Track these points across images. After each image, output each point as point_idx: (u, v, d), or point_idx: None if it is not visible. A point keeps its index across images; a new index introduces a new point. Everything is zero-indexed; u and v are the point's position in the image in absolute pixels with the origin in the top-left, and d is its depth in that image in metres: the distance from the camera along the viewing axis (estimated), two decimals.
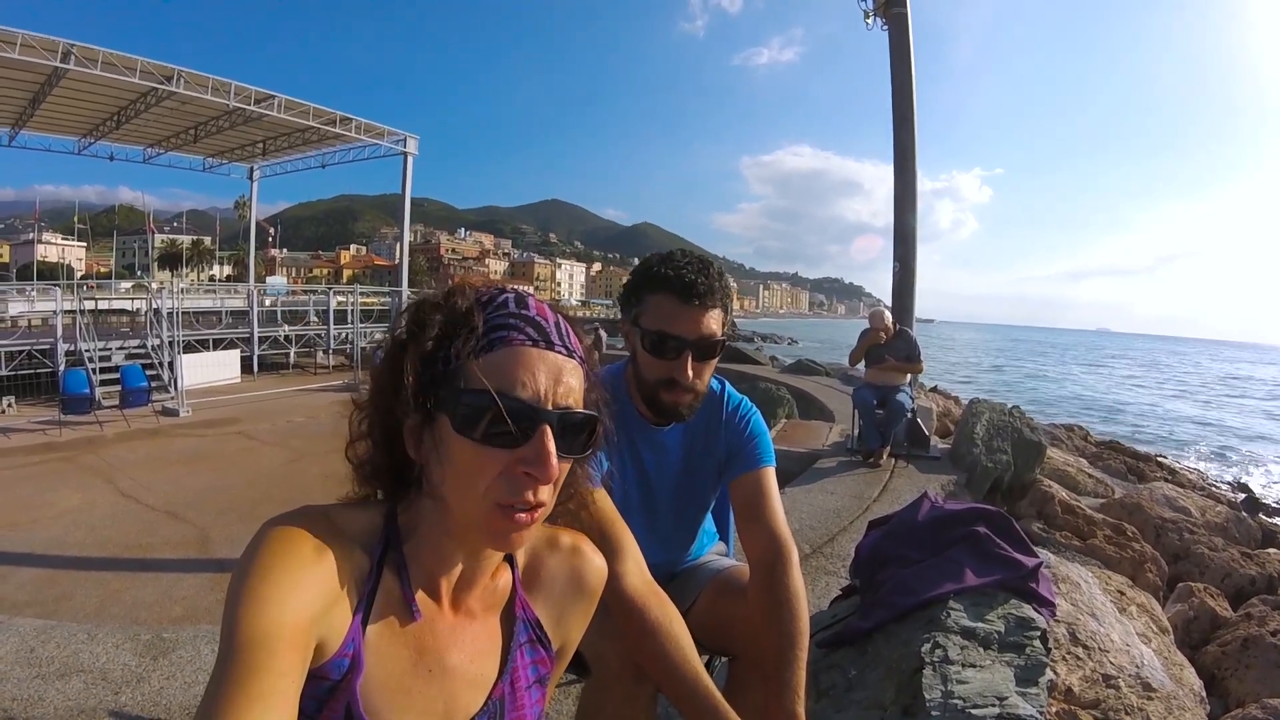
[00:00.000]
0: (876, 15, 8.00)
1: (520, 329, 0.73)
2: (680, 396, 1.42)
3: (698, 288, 1.39)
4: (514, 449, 0.69)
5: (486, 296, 0.76)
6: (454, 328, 0.73)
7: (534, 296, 0.79)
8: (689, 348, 1.39)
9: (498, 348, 0.71)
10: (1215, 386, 46.52)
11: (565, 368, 0.74)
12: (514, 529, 0.71)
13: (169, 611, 4.57)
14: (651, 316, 1.42)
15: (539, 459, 0.69)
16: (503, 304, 0.75)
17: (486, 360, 0.71)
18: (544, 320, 0.75)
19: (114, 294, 25.17)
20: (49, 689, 2.29)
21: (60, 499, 7.17)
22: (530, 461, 0.69)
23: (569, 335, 0.77)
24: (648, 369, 1.43)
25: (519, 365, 0.71)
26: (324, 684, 0.69)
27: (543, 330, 0.74)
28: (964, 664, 1.77)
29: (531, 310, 0.75)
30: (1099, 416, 25.06)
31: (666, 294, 1.41)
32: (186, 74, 19.47)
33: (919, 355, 6.66)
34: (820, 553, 4.09)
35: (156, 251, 76.02)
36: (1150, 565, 4.36)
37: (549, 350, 0.73)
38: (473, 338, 0.72)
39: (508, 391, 0.69)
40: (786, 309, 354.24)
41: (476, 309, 0.74)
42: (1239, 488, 11.99)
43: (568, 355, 0.75)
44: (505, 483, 0.69)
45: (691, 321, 1.40)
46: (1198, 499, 6.70)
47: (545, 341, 0.73)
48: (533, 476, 0.69)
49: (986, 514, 2.18)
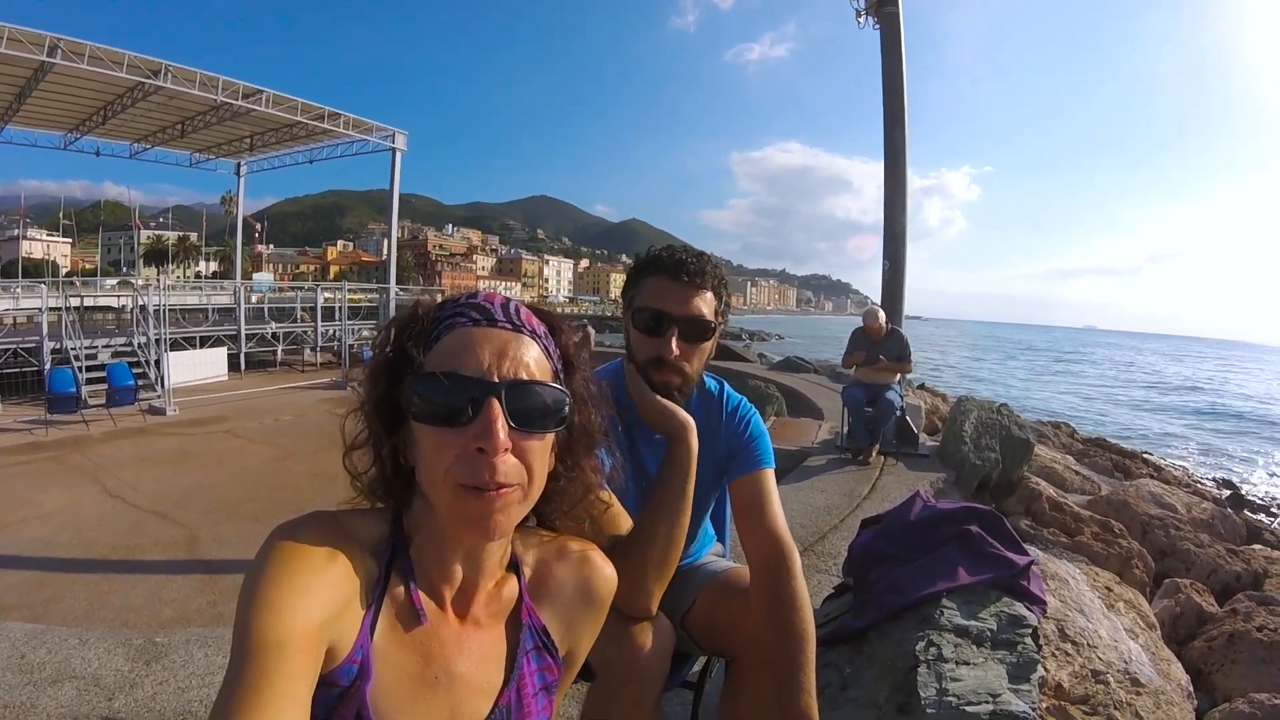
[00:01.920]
0: (868, 14, 8.03)
1: (464, 313, 0.76)
2: (669, 376, 1.41)
3: (688, 267, 1.41)
4: (465, 426, 0.70)
5: (445, 299, 0.80)
6: (409, 330, 0.76)
7: (490, 292, 0.82)
8: (675, 324, 1.40)
9: (444, 335, 0.75)
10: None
11: (513, 341, 0.75)
12: (482, 513, 0.71)
13: (159, 614, 4.54)
14: (643, 297, 1.44)
15: (487, 431, 0.69)
16: (454, 300, 0.79)
17: (434, 349, 0.74)
18: (489, 304, 0.77)
19: (100, 291, 24.95)
20: (41, 696, 2.27)
21: (47, 499, 7.10)
22: (480, 436, 0.70)
23: (518, 314, 0.78)
24: (639, 349, 1.43)
25: (461, 344, 0.73)
26: (334, 690, 0.69)
27: (485, 311, 0.76)
28: (958, 661, 1.79)
29: (479, 298, 0.78)
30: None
31: (659, 274, 1.44)
32: (174, 68, 19.28)
33: (909, 355, 6.70)
34: (811, 551, 4.10)
35: (142, 248, 75.39)
36: (1137, 561, 4.41)
37: (490, 326, 0.75)
38: (424, 331, 0.76)
39: (452, 370, 0.71)
40: (774, 306, 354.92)
41: (432, 312, 0.78)
42: (1224, 484, 12.12)
43: (514, 330, 0.76)
44: (463, 463, 0.70)
45: (680, 298, 1.41)
46: (1183, 495, 6.78)
47: (487, 320, 0.75)
48: (484, 451, 0.70)
49: (978, 513, 2.20)
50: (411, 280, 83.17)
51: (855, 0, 8.14)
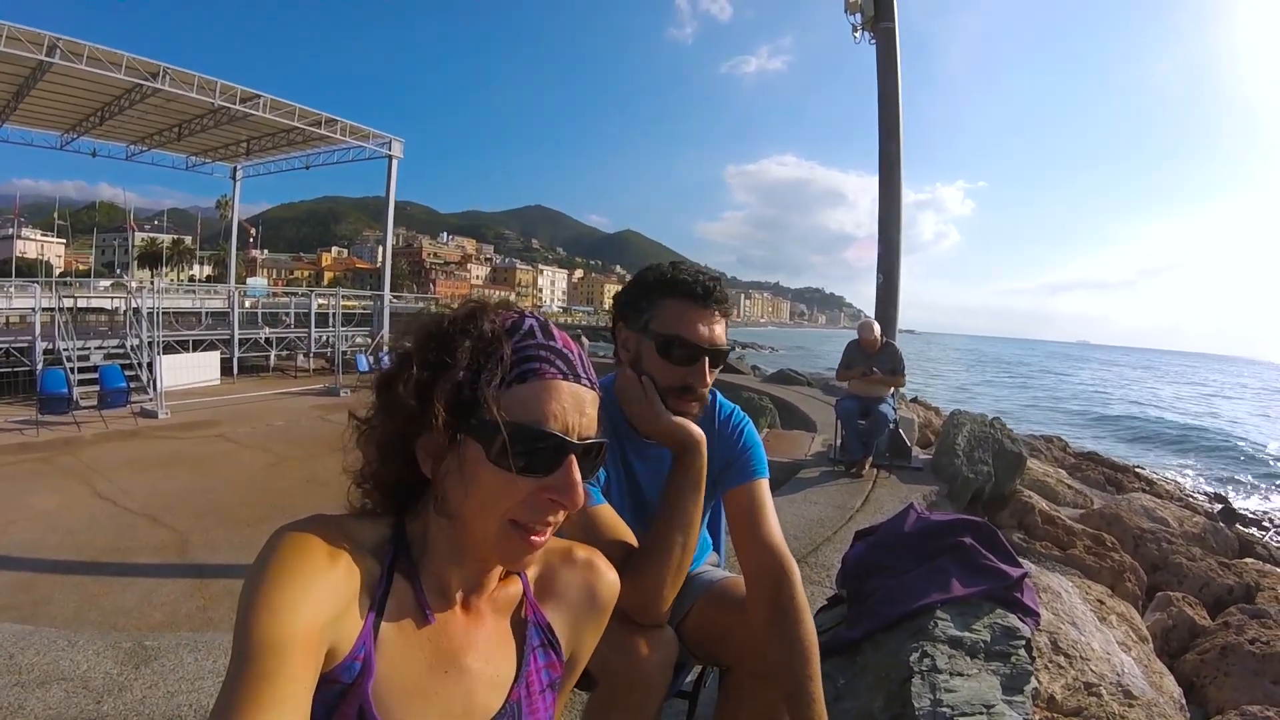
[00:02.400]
0: (865, 29, 8.08)
1: (550, 361, 0.76)
2: (690, 405, 1.42)
3: (715, 294, 1.41)
4: (542, 478, 0.72)
5: (510, 323, 0.78)
6: (482, 356, 0.74)
7: (555, 325, 0.82)
8: (707, 354, 1.40)
9: (529, 380, 0.74)
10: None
11: (587, 399, 0.77)
12: (527, 549, 0.75)
13: (149, 617, 4.51)
14: (666, 321, 1.40)
15: (567, 488, 0.73)
16: (529, 332, 0.77)
17: (516, 391, 0.73)
18: (569, 352, 0.78)
19: (93, 292, 24.86)
20: (29, 697, 2.25)
21: (37, 501, 7.06)
22: (558, 490, 0.73)
23: (589, 366, 0.80)
24: (660, 376, 1.40)
25: (550, 398, 0.74)
26: (335, 687, 0.70)
27: (569, 363, 0.77)
28: (951, 673, 1.79)
29: (558, 341, 0.78)
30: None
31: (684, 300, 1.40)
32: (172, 71, 19.28)
33: (903, 369, 6.71)
34: (805, 562, 4.10)
35: (137, 250, 75.11)
36: (1129, 575, 4.42)
37: (576, 383, 0.76)
38: (501, 368, 0.74)
39: (539, 424, 0.72)
40: (767, 318, 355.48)
41: (504, 337, 0.76)
42: (1216, 499, 12.17)
43: (590, 387, 0.78)
44: (530, 508, 0.73)
45: (710, 328, 1.40)
46: (1175, 509, 6.80)
47: (573, 375, 0.76)
48: (558, 504, 0.73)
49: (972, 525, 2.21)
50: (406, 288, 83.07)
51: (852, 16, 8.20)
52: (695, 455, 1.36)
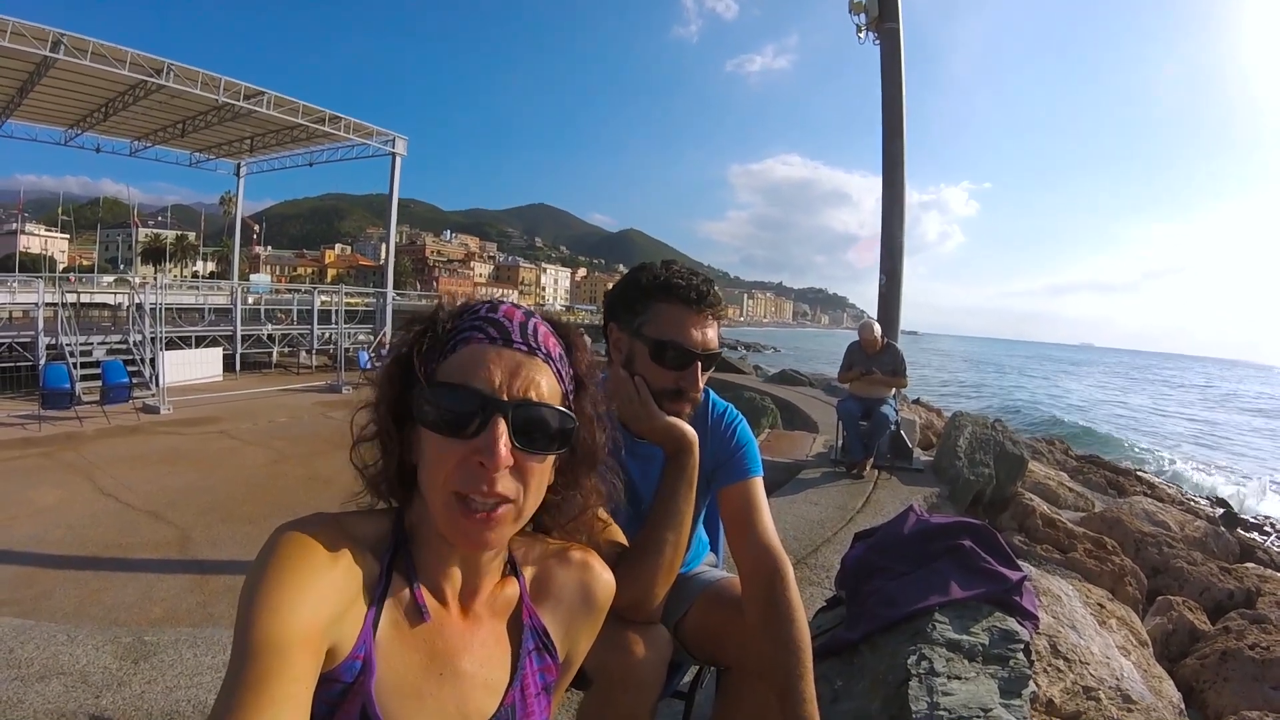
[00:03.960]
0: (869, 30, 8.06)
1: (481, 329, 0.77)
2: (683, 407, 1.42)
3: (709, 299, 1.41)
4: (469, 439, 0.72)
5: (466, 307, 0.81)
6: (428, 336, 0.79)
7: (510, 303, 0.83)
8: (699, 358, 1.40)
9: (459, 348, 0.77)
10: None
11: (526, 364, 0.77)
12: (476, 527, 0.73)
13: (149, 613, 4.52)
14: (659, 325, 1.41)
15: (489, 447, 0.71)
16: (474, 310, 0.80)
17: (450, 360, 0.76)
18: (508, 320, 0.79)
19: (96, 288, 24.92)
20: (29, 691, 2.26)
21: (39, 496, 7.07)
22: (482, 450, 0.72)
23: (536, 335, 0.79)
24: (654, 379, 1.41)
25: (474, 360, 0.75)
26: (336, 686, 0.70)
27: (503, 329, 0.78)
28: (949, 676, 1.79)
29: (499, 314, 0.79)
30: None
31: (676, 303, 1.41)
32: (176, 67, 19.29)
33: (904, 370, 6.70)
34: (804, 563, 4.10)
35: (140, 246, 75.21)
36: (1130, 578, 4.41)
37: (506, 347, 0.77)
38: (440, 340, 0.78)
39: (464, 384, 0.73)
40: (770, 318, 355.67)
41: (450, 319, 0.80)
42: (1217, 503, 12.13)
43: (529, 352, 0.78)
44: (461, 472, 0.72)
45: (701, 331, 1.41)
46: (1176, 513, 6.78)
47: (504, 339, 0.77)
48: (484, 465, 0.72)
49: (972, 527, 2.21)
50: (409, 285, 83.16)
51: (856, 16, 8.18)
52: (688, 454, 1.37)
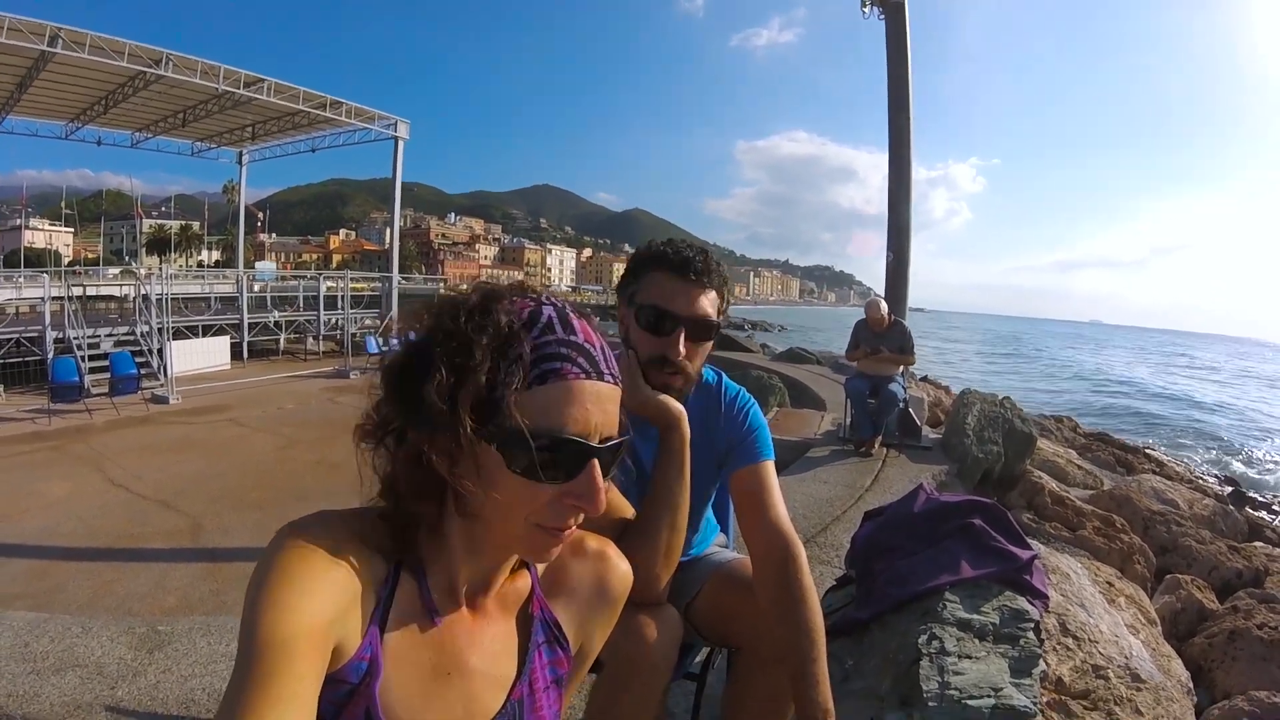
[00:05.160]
0: (873, 4, 7.97)
1: (572, 359, 0.71)
2: (670, 378, 1.39)
3: (694, 265, 1.39)
4: (563, 483, 0.70)
5: (528, 314, 0.72)
6: (500, 355, 0.69)
7: (574, 313, 0.76)
8: (682, 324, 1.38)
9: (550, 380, 0.69)
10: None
11: (610, 396, 0.73)
12: (553, 545, 0.73)
13: (162, 602, 4.56)
14: (647, 293, 1.41)
15: (589, 493, 0.70)
16: (548, 326, 0.72)
17: (538, 394, 0.69)
18: (592, 347, 0.73)
19: (102, 280, 24.97)
20: (45, 684, 2.28)
21: (50, 488, 7.13)
22: (581, 496, 0.70)
23: (611, 360, 0.75)
24: (642, 347, 1.40)
25: (572, 401, 0.69)
26: (342, 687, 0.69)
27: (592, 360, 0.72)
28: (960, 655, 1.79)
29: (579, 335, 0.73)
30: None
31: (663, 270, 1.41)
32: (175, 57, 19.23)
33: (912, 348, 6.69)
34: (814, 542, 4.10)
35: (145, 237, 75.32)
36: (1139, 557, 4.40)
37: (599, 381, 0.72)
38: (519, 367, 0.69)
39: (560, 429, 0.68)
40: (777, 296, 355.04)
41: (523, 332, 0.71)
42: (1226, 481, 12.10)
43: (614, 383, 0.74)
44: (551, 511, 0.71)
45: (686, 298, 1.39)
46: (1185, 491, 6.76)
47: (595, 373, 0.72)
48: (580, 508, 0.71)
49: (982, 506, 2.19)
50: (414, 269, 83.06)
51: None
52: (675, 431, 1.35)
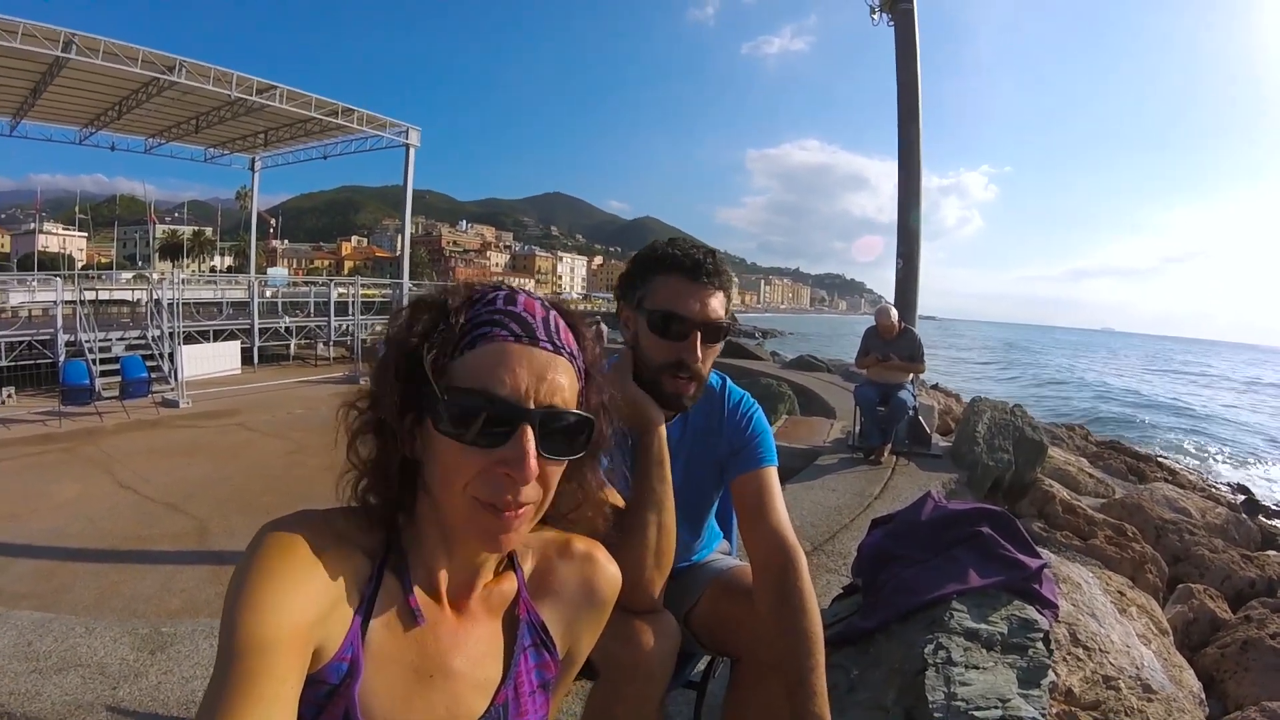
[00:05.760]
0: (883, 11, 7.96)
1: (503, 324, 0.71)
2: (685, 384, 1.38)
3: (706, 267, 1.37)
4: (493, 449, 0.68)
5: (477, 294, 0.74)
6: (435, 326, 0.71)
7: (527, 293, 0.77)
8: (698, 328, 1.36)
9: (479, 344, 0.70)
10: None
11: (551, 364, 0.71)
12: (498, 529, 0.70)
13: (167, 604, 4.56)
14: (658, 297, 1.38)
15: (518, 460, 0.67)
16: (490, 301, 0.73)
17: (467, 358, 0.69)
18: (530, 315, 0.73)
19: (114, 284, 25.15)
20: (46, 683, 2.28)
21: (59, 490, 7.15)
22: (509, 462, 0.68)
23: (559, 331, 0.74)
24: (654, 352, 1.38)
25: (498, 362, 0.69)
26: (322, 688, 0.68)
27: (527, 325, 0.72)
28: (967, 665, 1.76)
29: (519, 306, 0.73)
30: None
31: (674, 274, 1.38)
32: (188, 64, 19.41)
33: (922, 356, 6.65)
34: (821, 550, 4.08)
35: (158, 242, 75.97)
36: (1150, 566, 4.35)
37: (532, 346, 0.71)
38: (449, 335, 0.70)
39: (486, 389, 0.68)
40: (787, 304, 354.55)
41: (464, 307, 0.72)
42: (1239, 489, 11.98)
43: (554, 351, 0.72)
44: (484, 481, 0.68)
45: (700, 301, 1.36)
46: (1198, 500, 6.70)
47: (529, 337, 0.71)
48: (512, 477, 0.68)
49: (990, 514, 2.17)
50: (425, 276, 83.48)
51: None
52: (648, 435, 1.33)
